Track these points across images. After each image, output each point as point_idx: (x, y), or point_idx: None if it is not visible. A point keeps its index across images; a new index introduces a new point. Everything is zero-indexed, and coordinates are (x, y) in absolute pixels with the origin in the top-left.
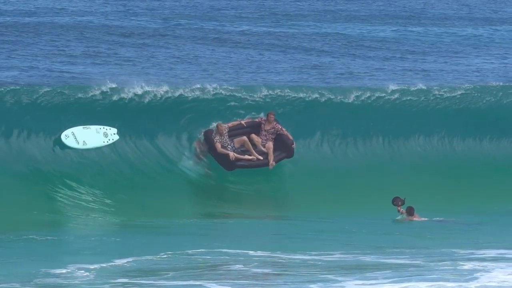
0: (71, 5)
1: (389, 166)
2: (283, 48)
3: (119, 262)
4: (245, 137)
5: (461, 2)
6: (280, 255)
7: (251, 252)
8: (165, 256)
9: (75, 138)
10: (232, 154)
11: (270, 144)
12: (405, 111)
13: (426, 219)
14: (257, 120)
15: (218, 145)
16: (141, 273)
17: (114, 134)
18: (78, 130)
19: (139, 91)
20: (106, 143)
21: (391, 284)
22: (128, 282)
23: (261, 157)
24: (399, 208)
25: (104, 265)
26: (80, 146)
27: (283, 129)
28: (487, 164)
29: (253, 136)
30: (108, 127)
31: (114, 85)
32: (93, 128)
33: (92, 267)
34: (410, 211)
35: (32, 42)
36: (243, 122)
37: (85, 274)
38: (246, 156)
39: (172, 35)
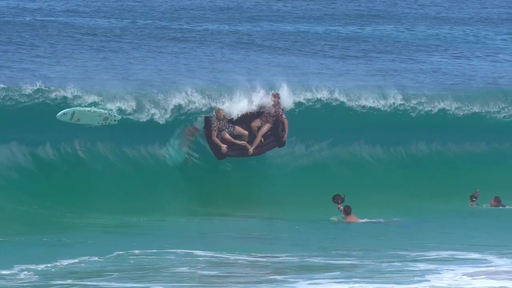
0: (29, 4)
1: (337, 167)
2: (242, 47)
3: (65, 262)
4: (247, 132)
5: (420, 2)
6: (226, 255)
7: (197, 252)
8: (112, 257)
9: (72, 116)
10: (224, 148)
11: (263, 128)
12: (356, 113)
13: (364, 220)
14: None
15: (214, 134)
16: (87, 274)
17: (115, 120)
18: (82, 111)
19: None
20: (99, 124)
21: (340, 284)
22: (73, 284)
23: (251, 149)
24: (339, 206)
25: (50, 265)
26: (72, 121)
27: (283, 116)
28: (430, 165)
29: (253, 124)
30: (113, 114)
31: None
32: (98, 112)
33: (37, 267)
34: (347, 210)
35: None
36: (249, 113)
37: (30, 275)
38: (237, 141)
39: (130, 34)
